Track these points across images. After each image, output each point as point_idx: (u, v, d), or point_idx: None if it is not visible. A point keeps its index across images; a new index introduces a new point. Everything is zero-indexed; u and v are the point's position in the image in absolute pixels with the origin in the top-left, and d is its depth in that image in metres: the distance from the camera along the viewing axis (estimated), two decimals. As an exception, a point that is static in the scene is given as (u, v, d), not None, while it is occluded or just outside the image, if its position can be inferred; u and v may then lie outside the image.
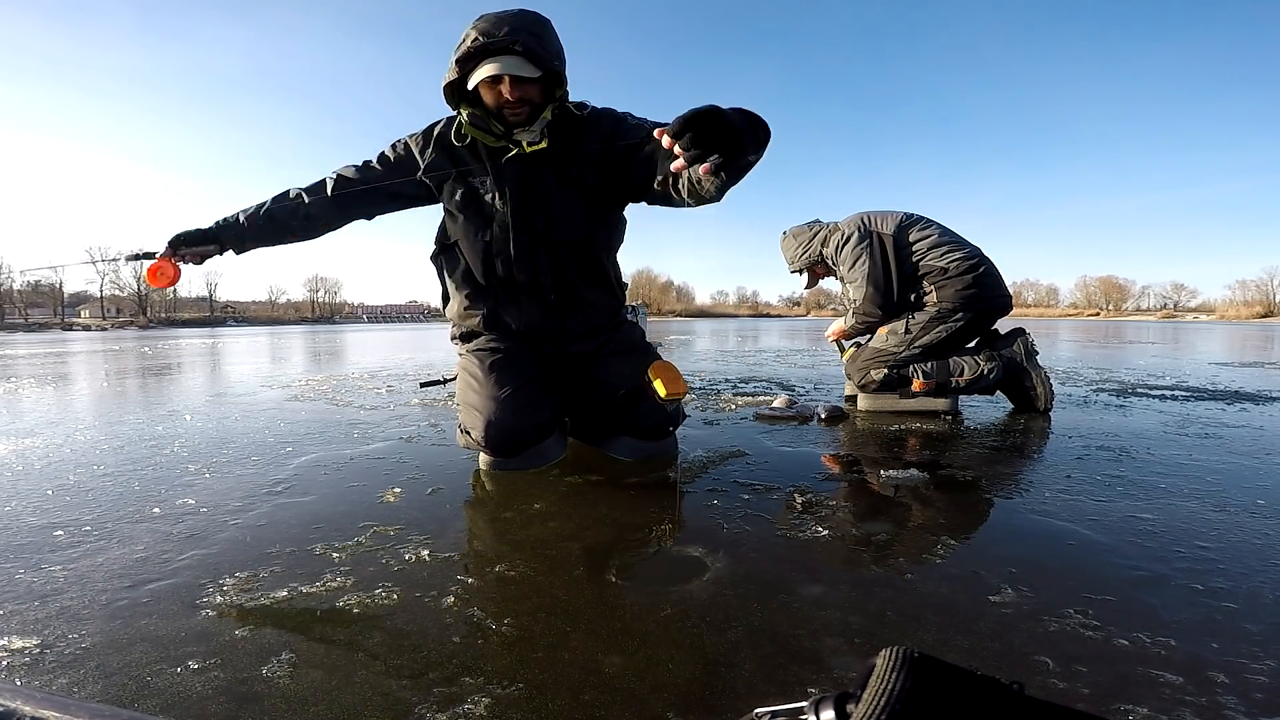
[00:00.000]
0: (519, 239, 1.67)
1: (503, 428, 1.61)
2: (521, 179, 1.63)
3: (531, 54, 1.46)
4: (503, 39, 1.44)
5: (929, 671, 0.26)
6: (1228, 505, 1.38)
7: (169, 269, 1.61)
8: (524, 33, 1.45)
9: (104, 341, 13.49)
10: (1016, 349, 2.60)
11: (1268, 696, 0.71)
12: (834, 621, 0.88)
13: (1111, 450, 1.93)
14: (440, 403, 2.97)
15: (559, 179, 1.64)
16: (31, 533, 1.26)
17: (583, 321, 1.81)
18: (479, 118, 1.57)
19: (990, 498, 1.47)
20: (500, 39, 1.44)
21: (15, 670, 0.78)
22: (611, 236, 1.82)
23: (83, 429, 2.43)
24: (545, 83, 1.54)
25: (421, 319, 79.86)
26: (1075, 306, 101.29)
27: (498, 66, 1.45)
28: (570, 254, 1.72)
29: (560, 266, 1.72)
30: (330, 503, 1.44)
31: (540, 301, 1.76)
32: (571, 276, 1.74)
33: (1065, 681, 0.74)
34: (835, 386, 3.54)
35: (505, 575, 1.04)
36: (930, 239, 2.62)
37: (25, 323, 57.04)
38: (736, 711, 0.69)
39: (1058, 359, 5.79)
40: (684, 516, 1.34)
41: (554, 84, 1.56)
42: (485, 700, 0.71)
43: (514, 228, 1.66)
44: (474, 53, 1.47)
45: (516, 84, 1.49)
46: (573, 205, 1.67)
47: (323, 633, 0.86)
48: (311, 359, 6.59)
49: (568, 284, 1.74)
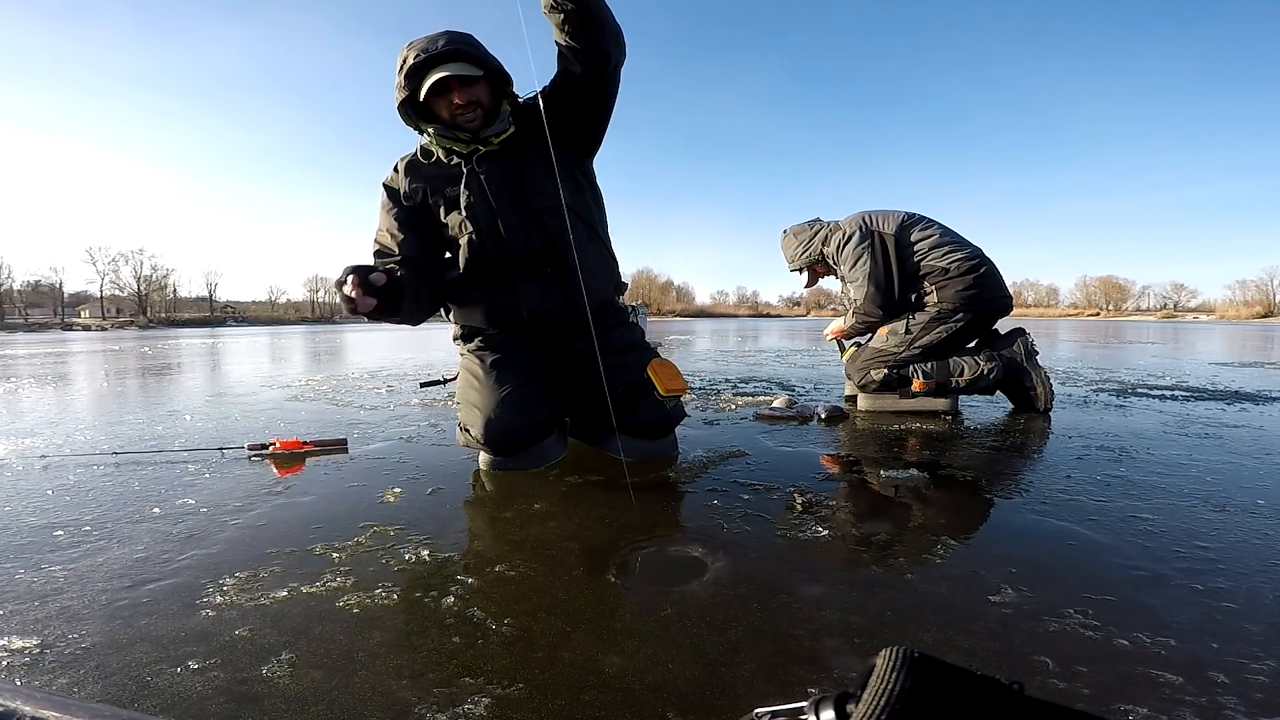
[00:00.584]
0: (506, 219, 1.72)
1: (502, 426, 1.61)
2: (493, 168, 1.70)
3: (470, 58, 1.59)
4: (441, 50, 1.56)
5: (929, 671, 0.26)
6: (1228, 505, 1.38)
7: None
8: (460, 42, 1.59)
9: (104, 341, 13.49)
10: (1016, 349, 2.60)
11: (1268, 696, 0.71)
12: (834, 621, 0.88)
13: (1111, 450, 1.93)
14: (440, 403, 2.97)
15: (527, 155, 1.72)
16: (31, 533, 1.26)
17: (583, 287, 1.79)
18: (445, 129, 1.66)
19: (990, 498, 1.47)
20: (439, 51, 1.56)
21: (15, 670, 0.78)
22: (590, 197, 1.86)
23: (83, 429, 2.43)
24: (492, 84, 1.66)
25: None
26: (1075, 306, 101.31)
27: (445, 71, 1.55)
28: (555, 219, 1.73)
29: (546, 234, 1.74)
30: (330, 503, 1.44)
31: (538, 279, 1.76)
32: (561, 244, 1.75)
33: (1065, 681, 0.74)
34: (835, 386, 3.54)
35: (505, 575, 1.04)
36: (931, 239, 2.62)
37: (25, 323, 57.01)
38: (736, 711, 0.69)
39: (1058, 359, 5.79)
40: (684, 516, 1.34)
41: (501, 82, 1.68)
42: (485, 700, 0.71)
43: (500, 210, 1.71)
44: (419, 66, 1.57)
45: (463, 86, 1.60)
46: (544, 173, 1.71)
47: (323, 633, 0.86)
48: (311, 359, 6.59)
49: (560, 252, 1.75)
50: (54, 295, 67.09)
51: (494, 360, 1.72)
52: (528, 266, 1.76)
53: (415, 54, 1.57)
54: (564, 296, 1.78)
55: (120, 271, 69.87)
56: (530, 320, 1.80)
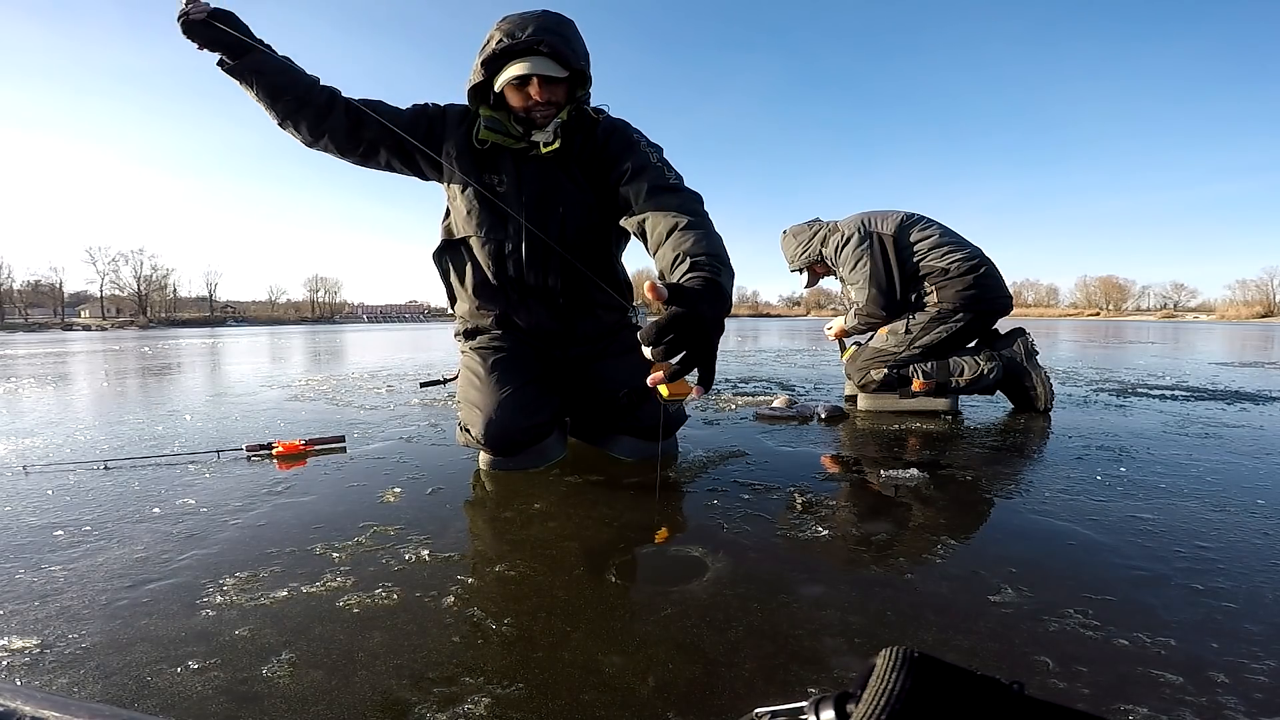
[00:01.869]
0: (532, 241, 1.66)
1: (502, 427, 1.61)
2: (537, 181, 1.63)
3: (558, 54, 1.45)
4: (527, 39, 1.43)
5: (929, 671, 0.26)
6: (1228, 505, 1.38)
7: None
8: (549, 33, 1.44)
9: (104, 341, 13.48)
10: (1016, 349, 2.60)
11: (1268, 696, 0.71)
12: (834, 621, 0.88)
13: (1111, 450, 1.93)
14: (440, 403, 2.97)
15: (570, 179, 1.64)
16: (31, 533, 1.26)
17: (593, 325, 1.82)
18: (496, 121, 1.57)
19: (990, 498, 1.47)
20: (525, 39, 1.43)
21: (15, 670, 0.78)
22: (620, 237, 1.82)
23: (83, 429, 2.43)
24: (570, 83, 1.53)
25: (421, 319, 79.98)
26: (1075, 306, 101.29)
27: (526, 67, 1.44)
28: (581, 256, 1.69)
29: (571, 270, 1.70)
30: (330, 503, 1.44)
31: (549, 305, 1.76)
32: (584, 282, 1.72)
33: (1065, 681, 0.74)
34: (835, 386, 3.54)
35: (505, 575, 1.04)
36: (931, 239, 2.62)
37: (25, 322, 57.03)
38: (736, 711, 0.69)
39: (1058, 359, 5.79)
40: (684, 516, 1.34)
41: (577, 84, 1.56)
42: (485, 700, 0.71)
43: (528, 230, 1.65)
44: (499, 54, 1.46)
45: (545, 85, 1.48)
46: (584, 205, 1.65)
47: (323, 633, 0.86)
48: (311, 359, 6.59)
49: (579, 288, 1.74)
50: (54, 295, 67.13)
51: (495, 360, 1.72)
52: (539, 293, 1.74)
53: (500, 38, 1.45)
54: (571, 327, 1.80)
55: (120, 271, 69.97)
56: (534, 331, 1.81)
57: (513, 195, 1.64)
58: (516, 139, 1.58)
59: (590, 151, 1.62)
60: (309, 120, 1.60)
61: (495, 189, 1.64)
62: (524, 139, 1.58)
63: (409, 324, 48.84)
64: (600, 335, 1.84)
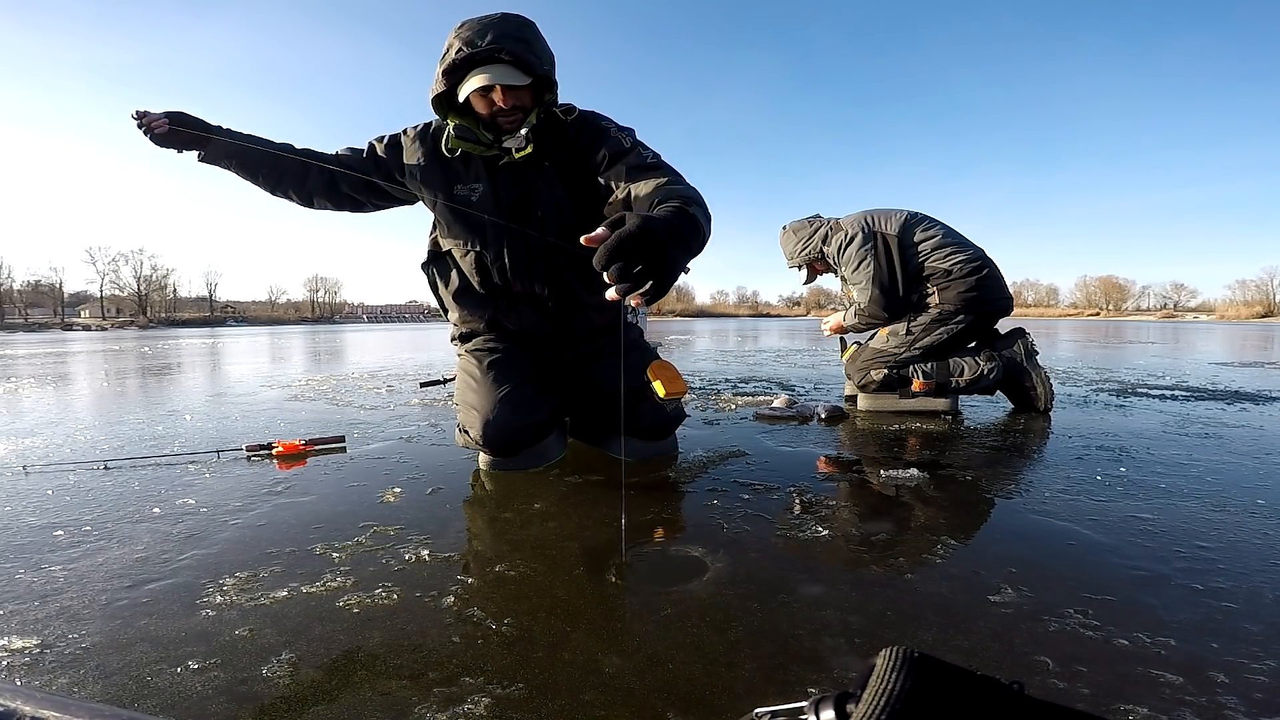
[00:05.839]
0: (514, 248, 1.66)
1: (500, 427, 1.60)
2: (513, 187, 1.61)
3: (520, 60, 1.43)
4: (487, 47, 1.40)
5: (929, 671, 0.26)
6: (1228, 505, 1.38)
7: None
8: (510, 39, 1.42)
9: (104, 341, 13.48)
10: (1016, 349, 2.60)
11: (1268, 696, 0.71)
12: (834, 621, 0.88)
13: (1111, 450, 1.93)
14: (440, 403, 2.97)
15: (546, 182, 1.62)
16: (31, 533, 1.26)
17: (584, 326, 1.81)
18: (466, 129, 1.55)
19: (990, 498, 1.47)
20: (485, 48, 1.40)
21: (15, 670, 0.78)
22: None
23: (83, 429, 2.43)
24: (535, 86, 1.52)
25: (421, 319, 79.93)
26: (1075, 306, 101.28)
27: (487, 77, 1.42)
28: (566, 258, 1.69)
29: (557, 273, 1.69)
30: (330, 503, 1.44)
31: (538, 309, 1.76)
32: (572, 283, 1.72)
33: (1065, 681, 0.74)
34: (835, 386, 3.54)
35: (505, 575, 1.04)
36: (934, 240, 2.62)
37: (25, 322, 57.03)
38: (736, 711, 0.69)
39: (1058, 359, 5.79)
40: (684, 516, 1.34)
41: (544, 87, 1.53)
42: (485, 700, 0.71)
43: (509, 236, 1.64)
44: (460, 64, 1.44)
45: (509, 91, 1.46)
46: (561, 207, 1.64)
47: (323, 633, 0.86)
48: (311, 359, 6.59)
49: (566, 291, 1.73)
50: (54, 295, 67.10)
51: (491, 361, 1.72)
52: (527, 298, 1.74)
53: (459, 47, 1.42)
54: (563, 327, 1.79)
55: (120, 271, 69.96)
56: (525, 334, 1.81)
57: (489, 203, 1.62)
58: (487, 145, 1.56)
59: (563, 150, 1.61)
60: (293, 186, 1.73)
61: (469, 199, 1.63)
62: (495, 145, 1.56)
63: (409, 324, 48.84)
64: (593, 335, 1.84)
